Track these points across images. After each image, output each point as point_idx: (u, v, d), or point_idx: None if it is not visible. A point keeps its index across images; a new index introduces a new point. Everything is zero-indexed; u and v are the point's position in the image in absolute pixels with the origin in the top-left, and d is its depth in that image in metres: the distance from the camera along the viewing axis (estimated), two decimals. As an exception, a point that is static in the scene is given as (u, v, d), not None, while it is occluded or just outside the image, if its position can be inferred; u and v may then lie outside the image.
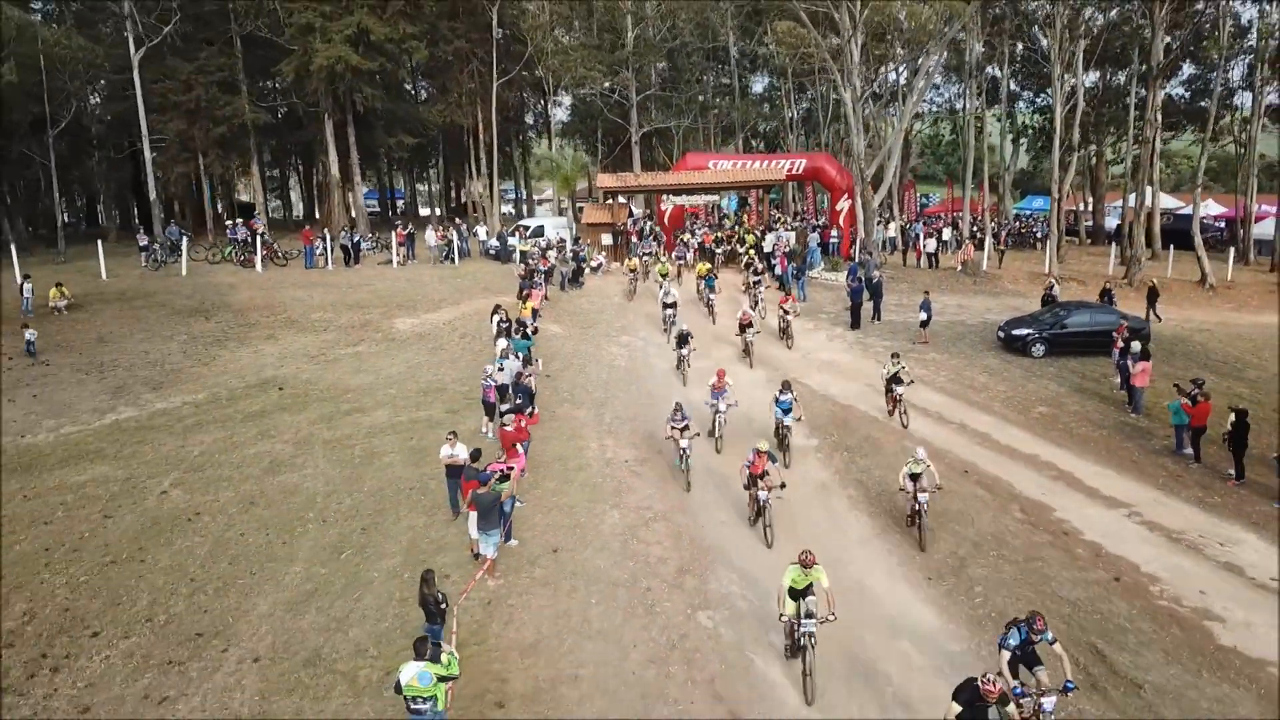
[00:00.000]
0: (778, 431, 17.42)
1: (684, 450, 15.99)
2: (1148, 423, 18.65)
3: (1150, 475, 16.21)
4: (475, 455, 13.88)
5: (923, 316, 25.28)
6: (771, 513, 13.80)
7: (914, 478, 13.74)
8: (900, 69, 43.78)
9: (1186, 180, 73.43)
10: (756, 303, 27.01)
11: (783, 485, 13.92)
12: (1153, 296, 27.40)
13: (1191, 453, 16.55)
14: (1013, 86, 50.87)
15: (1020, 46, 46.45)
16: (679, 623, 11.77)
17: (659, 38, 42.32)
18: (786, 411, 17.20)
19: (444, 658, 8.80)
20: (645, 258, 32.19)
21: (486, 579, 12.52)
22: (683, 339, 21.64)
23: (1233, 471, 15.60)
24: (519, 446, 14.66)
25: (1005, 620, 11.08)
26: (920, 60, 35.68)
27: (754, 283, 28.03)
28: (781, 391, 17.44)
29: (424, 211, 73.60)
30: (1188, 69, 47.54)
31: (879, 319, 27.62)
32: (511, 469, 13.31)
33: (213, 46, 37.13)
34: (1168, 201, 52.15)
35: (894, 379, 18.74)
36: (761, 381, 21.15)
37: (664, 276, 28.95)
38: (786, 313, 25.08)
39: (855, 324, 27.04)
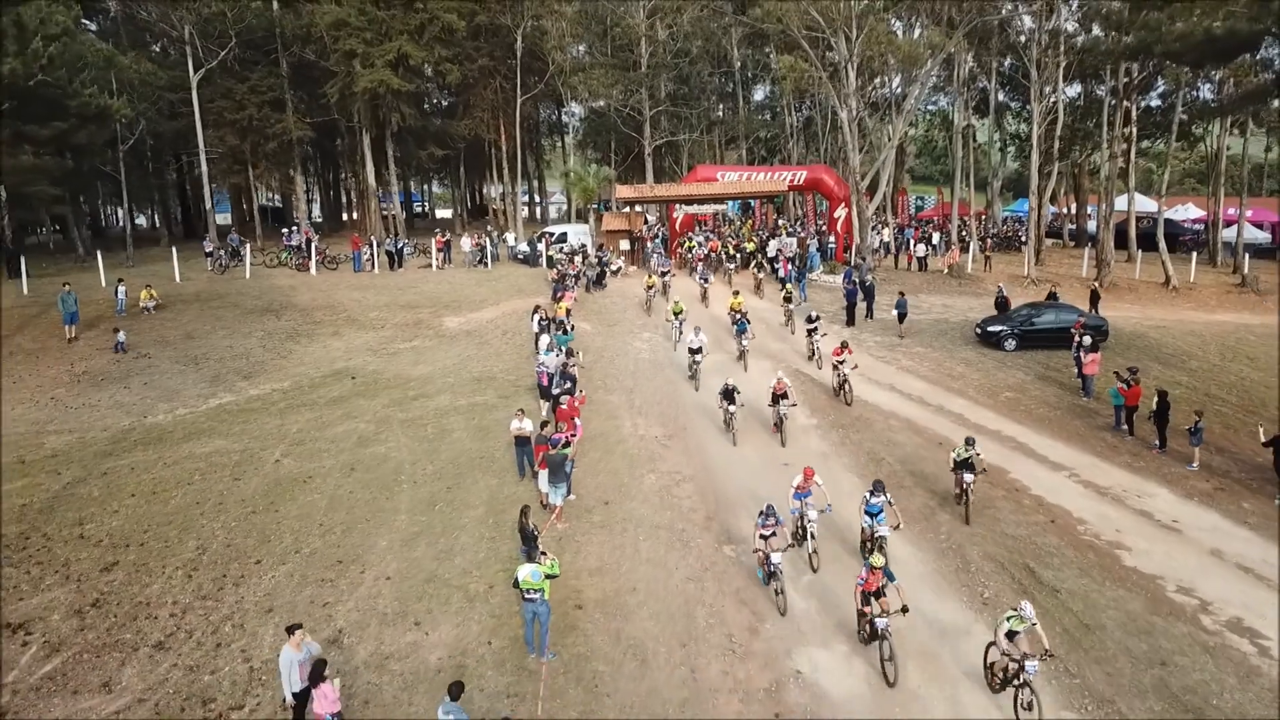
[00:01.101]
0: (868, 542, 14.65)
1: (775, 568, 13.32)
2: (1095, 404, 22.00)
3: (1091, 445, 19.61)
4: (544, 425, 17.26)
5: (895, 314, 28.78)
6: (892, 644, 11.64)
7: (1010, 636, 11.02)
8: (894, 84, 47.07)
9: (1175, 183, 76.84)
10: (813, 354, 25.65)
11: (904, 610, 11.84)
12: (1094, 298, 30.60)
13: (1126, 428, 19.94)
14: (1001, 97, 54.26)
15: (1008, 61, 49.85)
16: (709, 553, 15.13)
17: (670, 56, 45.64)
18: (876, 515, 14.46)
19: (547, 562, 12.16)
20: (665, 276, 32.67)
21: (556, 523, 15.87)
22: (729, 394, 19.71)
23: (1158, 442, 18.99)
24: (576, 420, 18.02)
25: (969, 568, 14.47)
26: (913, 73, 38.99)
27: (809, 330, 25.70)
28: (872, 493, 14.57)
29: (440, 214, 76.99)
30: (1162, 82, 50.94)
31: (871, 317, 30.97)
32: (574, 436, 16.68)
33: (261, 68, 40.52)
34: (1151, 205, 55.43)
35: (965, 464, 15.95)
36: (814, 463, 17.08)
37: (677, 315, 26.37)
38: (840, 364, 22.24)
39: (850, 321, 30.41)
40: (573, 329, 26.06)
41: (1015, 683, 10.84)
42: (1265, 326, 30.70)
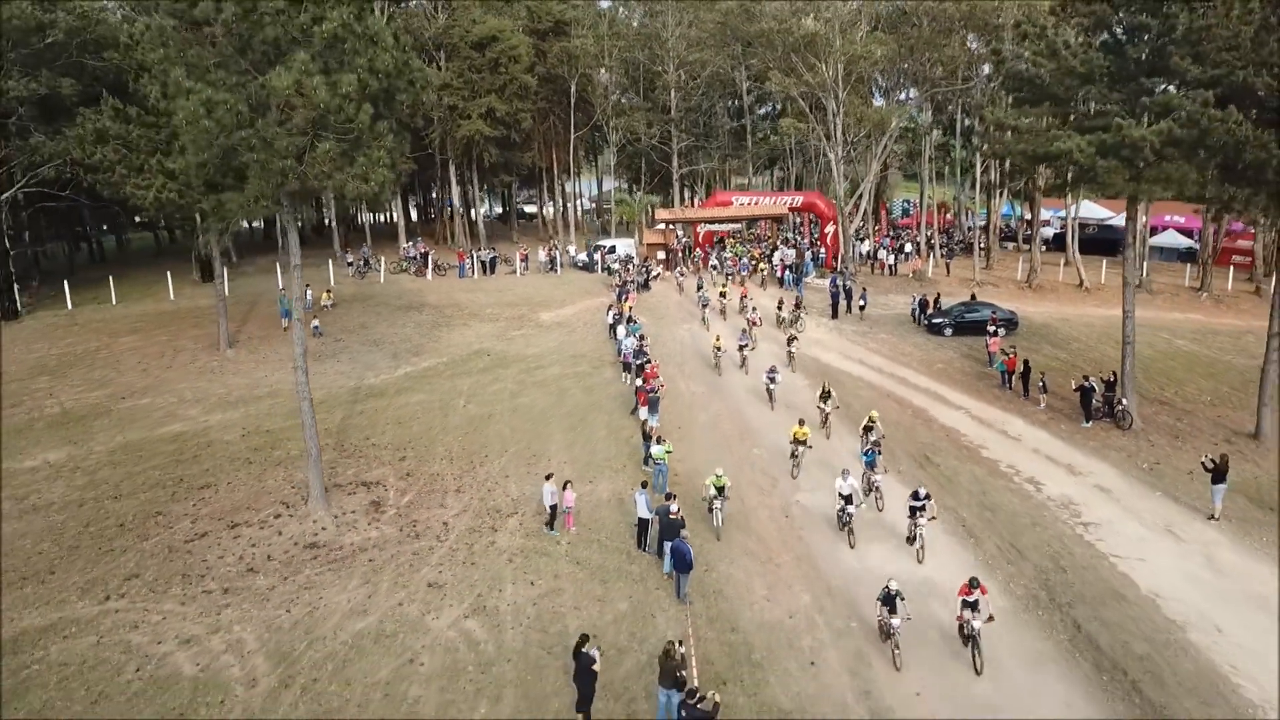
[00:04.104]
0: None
1: None
2: (994, 372, 32.93)
3: (984, 396, 30.57)
4: (645, 382, 28.22)
5: (860, 304, 39.92)
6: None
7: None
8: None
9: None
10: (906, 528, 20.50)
11: None
12: (972, 297, 41.37)
13: (1007, 385, 30.91)
14: (968, 122, 64.91)
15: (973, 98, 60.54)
16: (744, 453, 26.02)
17: (695, 100, 56.60)
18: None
19: (666, 444, 23.08)
20: (745, 349, 33.32)
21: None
22: (890, 601, 16.14)
23: (1023, 392, 29.98)
24: (659, 379, 28.96)
25: (896, 459, 25.34)
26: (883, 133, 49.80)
27: (912, 510, 19.90)
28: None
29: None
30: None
31: (850, 312, 41.89)
32: (662, 386, 27.67)
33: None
34: (1100, 211, 65.84)
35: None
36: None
37: (720, 490, 20.89)
38: (974, 610, 15.98)
39: (835, 315, 41.33)
40: (638, 322, 36.91)
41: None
42: (1141, 319, 41.50)
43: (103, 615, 17.65)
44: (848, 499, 20.62)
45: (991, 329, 34.05)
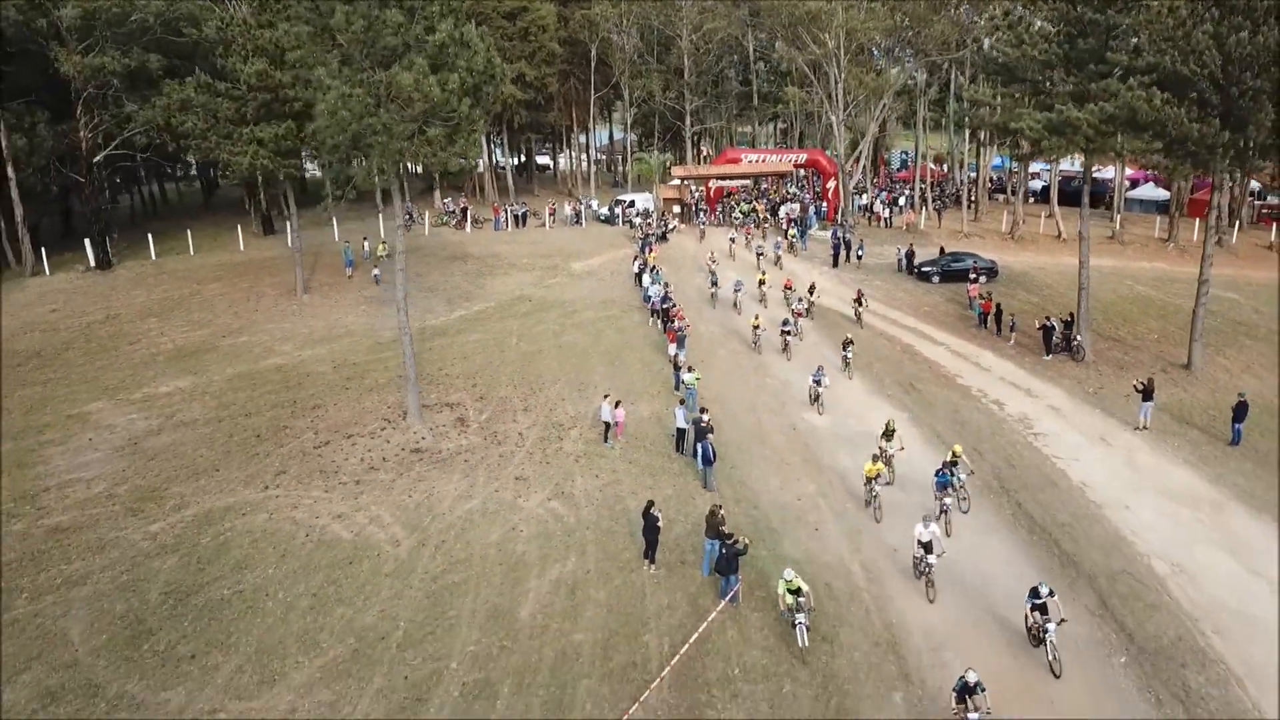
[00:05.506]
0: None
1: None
2: (973, 314, 37.85)
3: (962, 334, 35.56)
4: (670, 323, 33.16)
5: (858, 254, 44.77)
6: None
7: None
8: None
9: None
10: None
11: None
12: (941, 251, 46.07)
13: (983, 325, 35.87)
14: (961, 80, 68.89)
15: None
16: (759, 381, 31.03)
17: (707, 63, 60.69)
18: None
19: (695, 372, 28.09)
20: (788, 335, 33.64)
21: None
22: (970, 691, 14.11)
23: (997, 332, 34.98)
24: (685, 320, 33.89)
25: (885, 386, 30.42)
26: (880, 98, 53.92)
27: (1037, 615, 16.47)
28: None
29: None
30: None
31: (849, 260, 46.64)
32: (688, 325, 32.63)
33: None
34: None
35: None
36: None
37: (794, 598, 16.77)
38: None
39: (835, 264, 46.09)
40: (660, 271, 41.72)
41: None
42: (1110, 267, 46.45)
43: (267, 499, 22.84)
44: (927, 546, 18.51)
45: (972, 276, 38.93)
